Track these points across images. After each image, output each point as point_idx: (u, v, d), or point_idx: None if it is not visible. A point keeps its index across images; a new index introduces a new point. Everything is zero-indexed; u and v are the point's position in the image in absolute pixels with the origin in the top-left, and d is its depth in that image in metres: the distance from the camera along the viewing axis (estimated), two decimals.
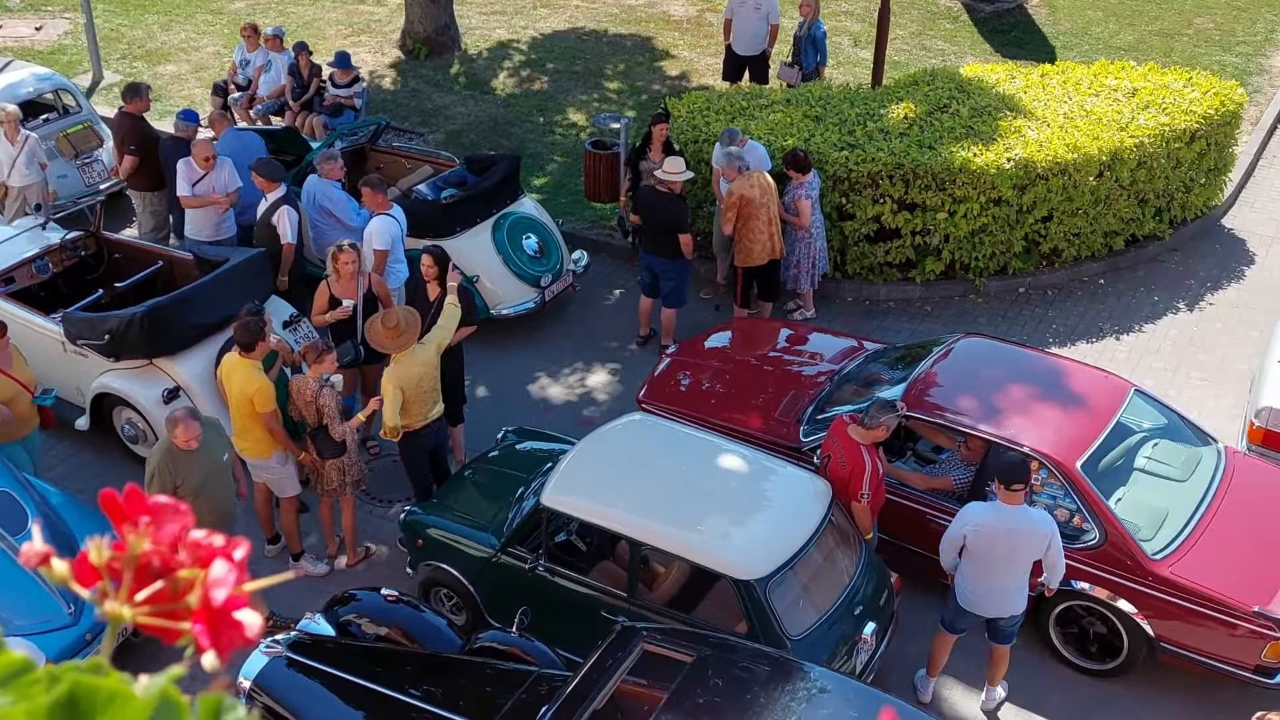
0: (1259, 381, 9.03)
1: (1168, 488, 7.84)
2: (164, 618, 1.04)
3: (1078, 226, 11.41)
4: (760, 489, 7.52)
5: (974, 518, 6.89)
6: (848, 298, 11.56)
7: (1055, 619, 7.73)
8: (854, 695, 5.99)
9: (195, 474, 7.21)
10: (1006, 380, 8.31)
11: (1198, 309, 11.25)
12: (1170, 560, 7.34)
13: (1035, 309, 11.34)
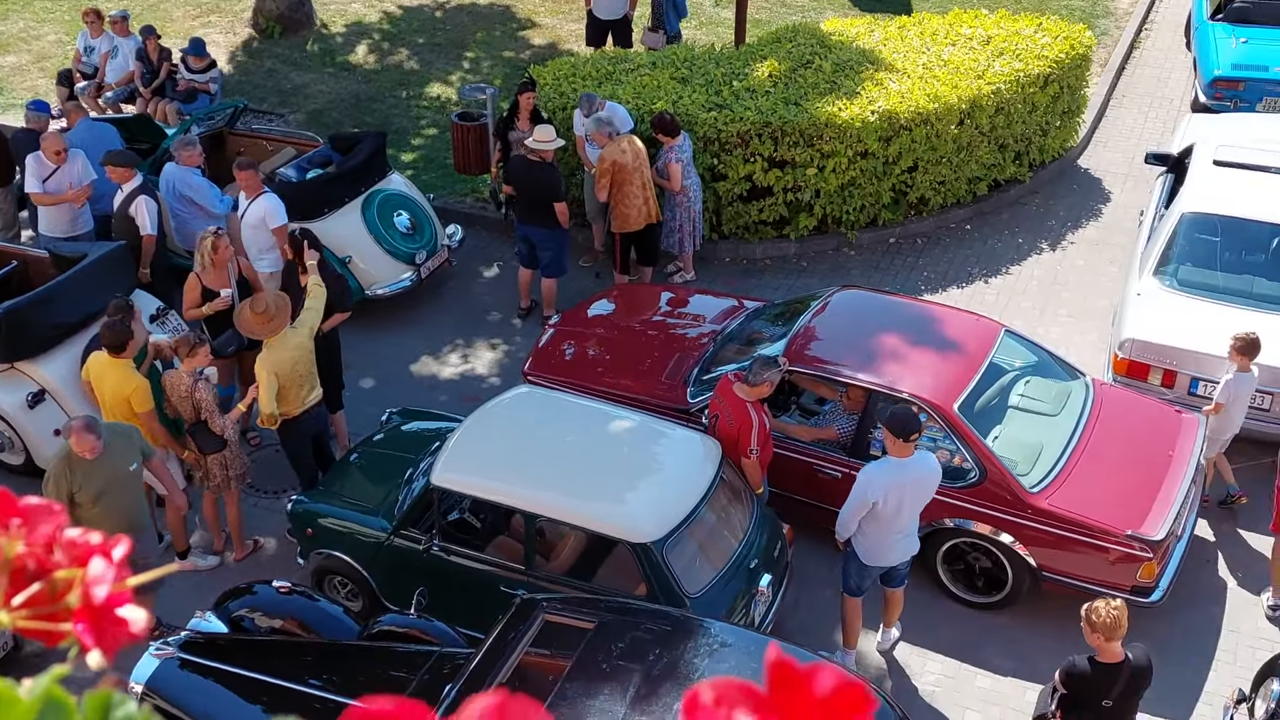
0: (1120, 314, 9.39)
1: (1041, 423, 8.12)
2: (44, 620, 0.99)
3: (942, 175, 11.68)
4: (651, 453, 7.56)
5: (880, 481, 6.88)
6: (725, 258, 11.66)
7: (942, 557, 7.96)
8: (754, 646, 6.09)
9: (94, 482, 6.95)
10: (882, 329, 8.49)
11: (1060, 248, 11.63)
12: (1047, 492, 7.61)
13: (906, 258, 11.60)
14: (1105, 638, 5.98)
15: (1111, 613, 5.94)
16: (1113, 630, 5.95)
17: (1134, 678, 6.09)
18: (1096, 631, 5.98)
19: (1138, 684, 6.13)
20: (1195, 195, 9.72)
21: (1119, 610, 5.97)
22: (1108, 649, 6.02)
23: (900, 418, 6.92)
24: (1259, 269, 9.30)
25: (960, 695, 7.42)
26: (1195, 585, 8.01)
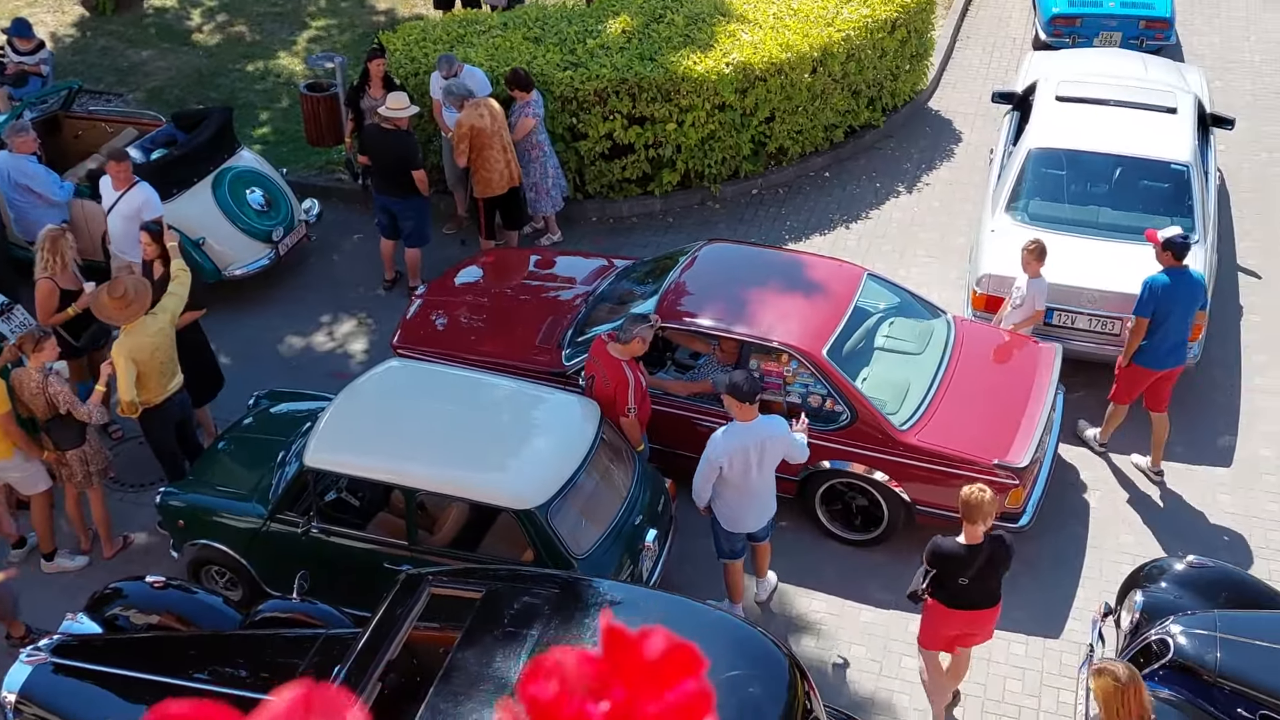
0: (976, 251, 9.66)
1: (906, 362, 8.33)
2: None
3: (799, 124, 11.82)
4: (529, 418, 7.53)
5: (725, 447, 6.94)
6: (591, 218, 11.62)
7: (820, 498, 8.13)
8: (644, 602, 6.14)
9: None
10: (750, 281, 8.58)
11: (916, 190, 11.90)
12: (916, 429, 7.82)
13: (769, 208, 11.73)
14: (968, 520, 6.26)
15: (975, 495, 6.21)
16: (973, 512, 6.20)
17: (990, 558, 6.35)
18: (961, 513, 6.27)
19: (994, 564, 6.38)
20: (1040, 131, 10.02)
21: (982, 494, 6.21)
22: (970, 531, 6.30)
23: (738, 382, 6.93)
24: (1103, 199, 9.65)
25: (845, 630, 7.61)
26: (1060, 507, 8.35)
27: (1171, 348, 8.21)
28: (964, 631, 6.66)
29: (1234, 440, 8.94)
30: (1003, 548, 6.41)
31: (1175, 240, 8.04)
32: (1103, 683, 5.29)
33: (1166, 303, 8.04)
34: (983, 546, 6.34)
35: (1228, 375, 9.52)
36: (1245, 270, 10.64)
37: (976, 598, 6.51)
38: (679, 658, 0.91)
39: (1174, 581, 6.92)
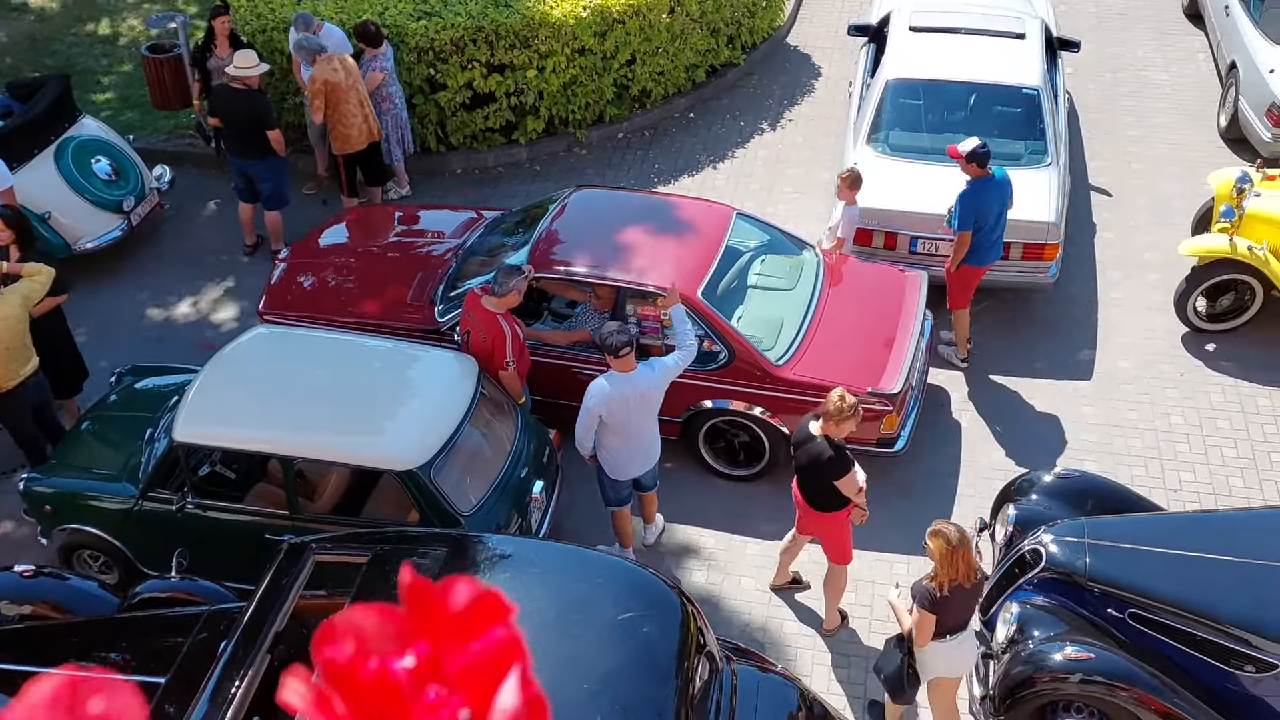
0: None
1: (779, 297, 8.43)
2: None
3: (660, 65, 11.78)
4: (405, 378, 7.42)
5: (602, 396, 6.92)
6: (456, 169, 11.44)
7: (703, 437, 8.22)
8: (534, 553, 6.14)
9: None
10: (621, 225, 8.56)
11: (780, 127, 11.98)
12: (792, 363, 7.94)
13: (636, 152, 11.69)
14: (821, 414, 6.55)
15: (833, 401, 6.46)
16: (827, 414, 6.48)
17: (810, 457, 6.60)
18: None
19: (809, 462, 6.63)
20: (895, 63, 10.17)
21: (840, 401, 6.45)
22: (820, 425, 6.57)
23: (608, 336, 6.91)
24: (960, 126, 9.84)
25: (734, 565, 7.74)
26: (933, 429, 8.59)
27: (993, 244, 8.66)
28: (801, 515, 6.98)
29: (1093, 354, 9.30)
30: (816, 455, 6.56)
31: (977, 151, 8.40)
32: (937, 544, 5.77)
33: (983, 210, 8.45)
34: (812, 443, 6.56)
35: (1085, 291, 9.87)
36: (1096, 189, 11.01)
37: (799, 484, 6.83)
38: (485, 606, 0.89)
39: (1043, 493, 7.19)
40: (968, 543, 5.80)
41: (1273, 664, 6.04)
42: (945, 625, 5.91)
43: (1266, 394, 8.85)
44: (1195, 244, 9.19)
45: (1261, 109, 10.66)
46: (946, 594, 5.78)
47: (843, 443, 6.63)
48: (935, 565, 5.80)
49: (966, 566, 5.75)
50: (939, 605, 5.82)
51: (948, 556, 5.73)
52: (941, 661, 6.08)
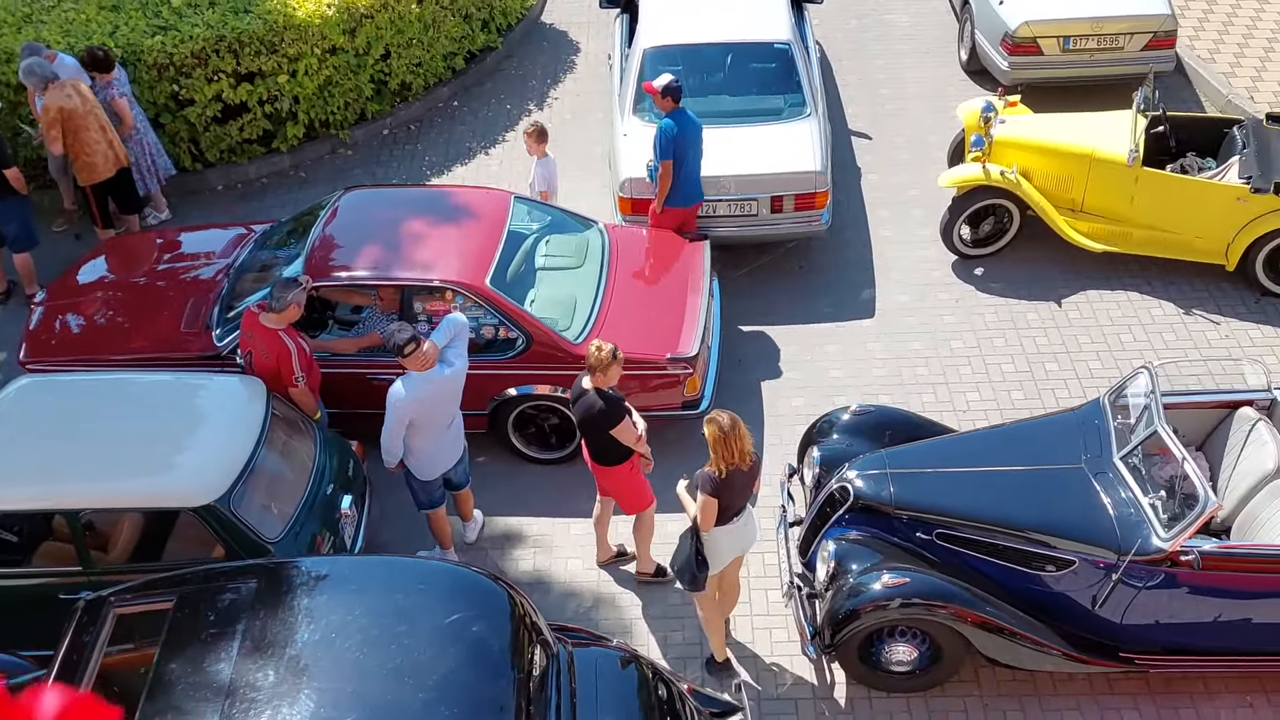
0: (614, 157, 9.83)
1: (568, 277, 8.41)
2: None
3: (417, 56, 11.55)
4: (190, 410, 7.06)
5: (405, 400, 6.76)
6: (217, 186, 10.96)
7: (512, 426, 8.14)
8: (349, 570, 5.96)
9: None
10: (398, 223, 8.37)
11: (547, 105, 11.94)
12: (590, 339, 7.92)
13: (405, 146, 11.45)
14: (589, 372, 6.73)
15: (592, 352, 6.65)
16: (591, 367, 6.67)
17: (584, 410, 6.79)
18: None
19: (585, 416, 6.81)
20: (649, 31, 10.26)
21: (599, 351, 6.63)
22: (592, 380, 6.75)
23: (391, 336, 6.76)
24: (720, 87, 10.04)
25: (560, 547, 7.72)
26: (732, 386, 8.76)
27: (694, 184, 9.01)
28: (595, 475, 7.19)
29: (874, 292, 9.65)
30: (596, 411, 6.73)
31: (671, 85, 8.76)
32: (711, 430, 6.13)
33: (681, 143, 8.77)
34: (584, 396, 6.75)
35: (858, 233, 10.23)
36: (856, 133, 11.41)
37: (585, 443, 7.03)
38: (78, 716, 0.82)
39: (844, 431, 7.43)
40: (739, 427, 6.12)
41: (1070, 560, 6.43)
42: (727, 509, 6.26)
43: (1034, 309, 9.38)
44: (952, 175, 9.64)
45: (996, 40, 11.25)
46: (725, 477, 6.12)
47: (615, 392, 6.80)
48: (711, 451, 6.12)
49: (740, 450, 6.11)
50: (720, 489, 6.15)
51: (721, 441, 6.07)
52: (726, 543, 6.42)
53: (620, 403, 6.79)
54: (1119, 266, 9.61)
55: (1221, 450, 7.02)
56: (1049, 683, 6.74)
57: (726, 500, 6.23)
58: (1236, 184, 9.00)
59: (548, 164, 9.21)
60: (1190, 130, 9.69)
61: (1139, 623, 6.42)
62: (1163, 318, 9.21)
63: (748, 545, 6.60)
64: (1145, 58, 10.92)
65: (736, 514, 6.35)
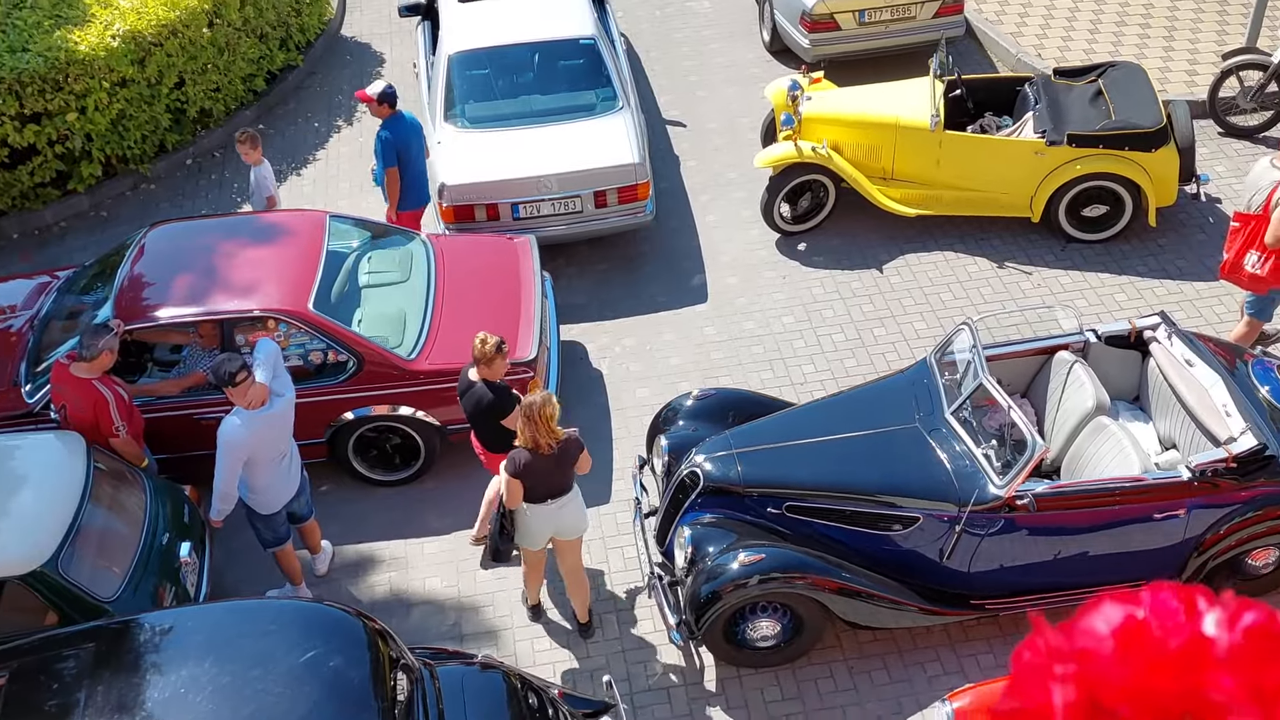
0: (432, 168, 9.65)
1: (395, 292, 8.24)
2: None
3: (214, 82, 11.16)
4: (5, 474, 6.66)
5: (238, 437, 6.53)
6: (12, 234, 10.38)
7: (353, 450, 7.95)
8: (194, 619, 5.73)
9: None
10: (210, 256, 8.06)
11: (356, 120, 11.68)
12: (424, 354, 7.81)
13: (210, 176, 11.06)
14: (474, 364, 6.82)
15: (476, 345, 6.75)
16: (476, 359, 6.78)
17: (474, 403, 6.88)
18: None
19: (474, 408, 6.91)
20: (452, 37, 10.14)
21: (483, 344, 6.71)
22: (478, 372, 6.84)
23: (219, 368, 6.53)
24: (531, 87, 9.99)
25: (416, 568, 7.57)
26: (577, 383, 8.74)
27: (422, 185, 9.17)
28: (485, 462, 7.24)
29: (704, 277, 9.76)
30: (485, 402, 6.81)
31: (386, 92, 8.86)
32: (520, 409, 6.28)
33: (402, 147, 8.89)
34: (473, 390, 6.84)
35: (683, 220, 10.32)
36: (671, 122, 11.51)
37: (474, 432, 7.12)
38: None
39: (688, 417, 7.48)
40: (545, 411, 6.18)
41: (915, 517, 6.61)
42: (534, 490, 6.37)
43: (857, 277, 9.63)
44: (767, 155, 9.81)
45: (795, 19, 11.49)
46: (529, 459, 6.23)
47: (502, 383, 6.86)
48: (521, 428, 6.26)
49: (545, 435, 6.19)
50: (522, 471, 6.27)
51: (525, 424, 6.20)
52: (536, 524, 6.51)
53: (508, 392, 6.88)
54: (933, 228, 9.94)
55: (1044, 394, 7.33)
56: (908, 638, 6.94)
57: (531, 481, 6.33)
58: (1033, 139, 9.40)
59: (264, 170, 9.12)
60: (986, 91, 10.09)
61: (985, 569, 6.66)
62: (978, 273, 9.57)
63: (566, 531, 6.64)
64: (937, 25, 11.32)
65: (552, 496, 6.44)
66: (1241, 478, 6.51)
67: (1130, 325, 7.38)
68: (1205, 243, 9.55)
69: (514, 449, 6.35)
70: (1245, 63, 10.50)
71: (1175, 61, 11.43)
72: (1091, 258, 9.58)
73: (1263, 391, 6.97)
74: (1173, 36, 11.79)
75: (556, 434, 6.28)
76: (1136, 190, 9.36)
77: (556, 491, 6.46)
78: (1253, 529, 6.62)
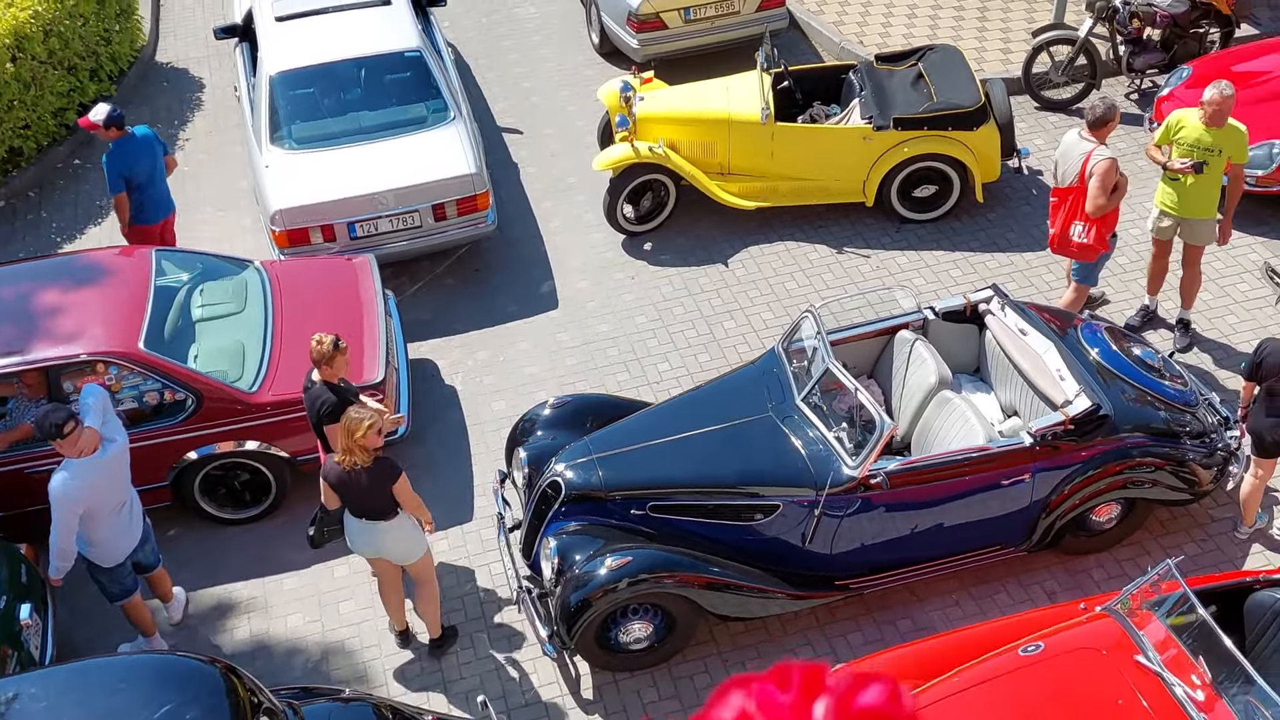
0: (260, 191, 9.39)
1: (232, 324, 7.97)
2: None
3: (22, 119, 10.63)
4: None
5: (70, 491, 6.22)
6: None
7: (200, 490, 7.66)
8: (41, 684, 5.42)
9: None
10: (30, 299, 7.67)
11: (179, 148, 11.25)
12: (266, 385, 7.57)
13: (26, 217, 10.53)
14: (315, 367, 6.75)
15: (313, 347, 6.64)
16: (315, 361, 6.68)
17: (312, 403, 6.78)
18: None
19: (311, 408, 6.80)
20: (272, 57, 9.86)
21: (319, 345, 6.60)
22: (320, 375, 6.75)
23: (44, 419, 6.21)
24: (359, 104, 9.77)
25: (276, 606, 7.33)
26: (431, 401, 8.60)
27: (159, 199, 8.97)
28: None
29: (553, 283, 9.70)
30: (322, 403, 6.67)
31: (112, 115, 8.61)
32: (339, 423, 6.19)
33: (134, 168, 8.68)
34: (313, 390, 6.74)
35: (527, 228, 10.25)
36: (507, 129, 11.42)
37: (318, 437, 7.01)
38: None
39: (546, 426, 7.42)
40: (359, 431, 6.02)
41: (775, 505, 6.69)
42: (347, 503, 6.34)
43: (704, 273, 9.70)
44: (604, 158, 9.81)
45: (622, 20, 11.52)
46: (338, 472, 6.15)
47: (345, 384, 6.73)
48: (341, 440, 6.14)
49: (353, 454, 6.07)
50: (331, 481, 6.24)
51: (341, 434, 6.08)
52: (353, 534, 6.46)
53: (349, 394, 6.71)
54: (773, 219, 10.08)
55: (889, 374, 7.49)
56: (778, 625, 7.01)
57: (341, 494, 6.28)
58: (860, 125, 9.62)
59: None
60: (813, 81, 10.29)
61: (847, 550, 6.77)
62: (819, 260, 9.74)
63: (393, 557, 6.52)
64: (760, 18, 11.49)
65: (366, 516, 6.32)
66: (1080, 438, 6.77)
67: (965, 300, 7.61)
68: (1031, 214, 9.91)
69: (330, 454, 6.33)
70: (1055, 38, 10.95)
71: (989, 41, 11.84)
72: (925, 237, 9.85)
73: (1093, 354, 7.27)
74: (985, 17, 12.21)
75: (363, 459, 6.09)
76: (962, 168, 9.66)
77: (370, 513, 6.32)
78: (1094, 486, 6.89)
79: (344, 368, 6.72)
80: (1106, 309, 9.01)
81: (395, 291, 9.11)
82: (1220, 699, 5.26)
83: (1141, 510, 7.20)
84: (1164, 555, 6.90)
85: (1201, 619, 5.44)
